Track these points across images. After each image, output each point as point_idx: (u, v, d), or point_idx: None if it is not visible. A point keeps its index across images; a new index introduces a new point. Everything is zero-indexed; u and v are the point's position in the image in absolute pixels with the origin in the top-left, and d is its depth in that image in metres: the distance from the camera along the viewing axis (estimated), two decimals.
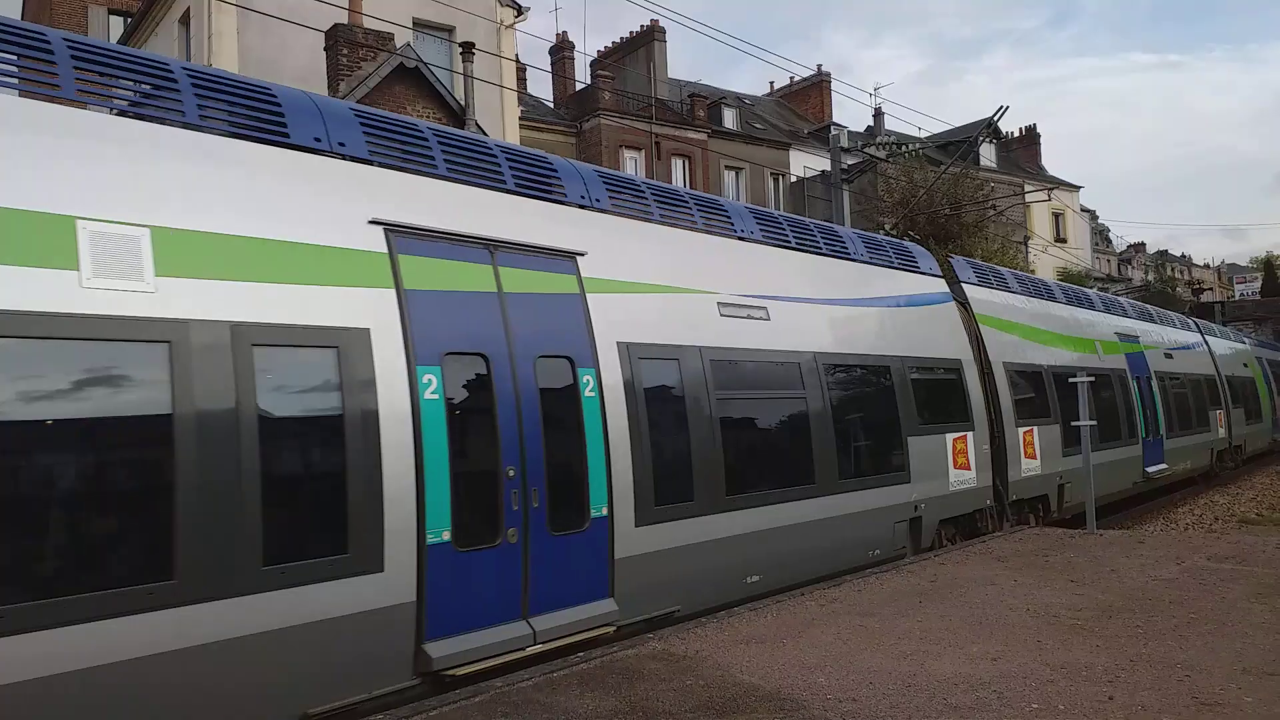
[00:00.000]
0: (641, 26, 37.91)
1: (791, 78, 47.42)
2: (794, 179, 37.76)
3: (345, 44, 17.10)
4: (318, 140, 5.96)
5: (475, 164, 6.90)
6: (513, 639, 6.02)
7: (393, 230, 5.95)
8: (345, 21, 17.35)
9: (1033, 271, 30.14)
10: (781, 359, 8.56)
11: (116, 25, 27.59)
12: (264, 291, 5.18)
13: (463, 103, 18.00)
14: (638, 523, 6.86)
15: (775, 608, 7.22)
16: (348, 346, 5.43)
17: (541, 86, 38.58)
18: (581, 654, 6.10)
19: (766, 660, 5.77)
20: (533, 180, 7.27)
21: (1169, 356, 19.07)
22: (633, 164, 33.63)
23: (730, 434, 7.83)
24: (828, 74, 46.34)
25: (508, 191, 7.00)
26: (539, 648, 6.09)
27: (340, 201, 5.83)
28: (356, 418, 5.38)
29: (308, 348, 5.31)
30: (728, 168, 36.83)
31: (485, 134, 16.90)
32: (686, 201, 8.83)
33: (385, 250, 5.85)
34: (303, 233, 5.49)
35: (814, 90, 45.98)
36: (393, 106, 15.60)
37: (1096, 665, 5.47)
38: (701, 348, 7.72)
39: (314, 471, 5.42)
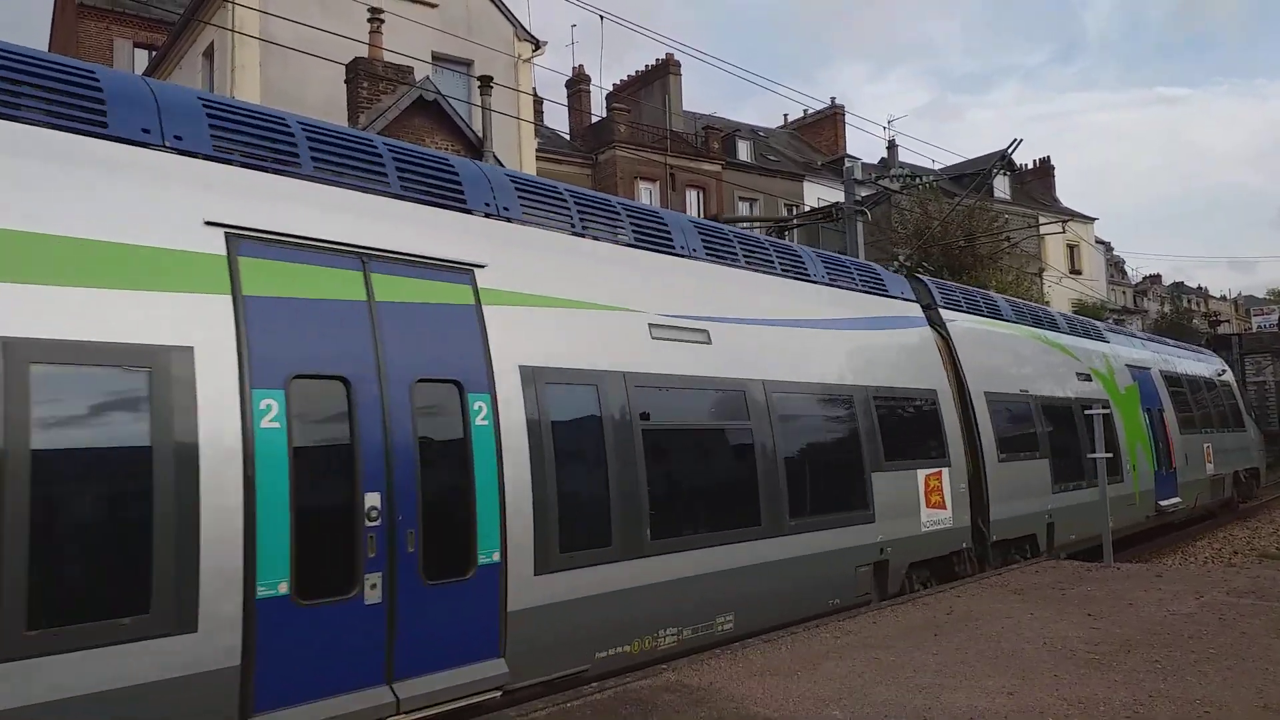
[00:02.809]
0: (657, 60, 38.35)
1: (805, 110, 47.77)
2: (808, 210, 37.93)
3: (365, 77, 17.39)
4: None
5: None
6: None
7: None
8: (365, 55, 17.66)
9: (1047, 304, 28.53)
10: None
11: (141, 58, 28.11)
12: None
13: (481, 135, 18.24)
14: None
15: (790, 640, 7.20)
16: None
17: (558, 119, 39.02)
18: (595, 684, 6.09)
19: (781, 693, 5.74)
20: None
21: (665, 338, 7.61)
22: (648, 195, 33.86)
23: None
24: (841, 106, 46.66)
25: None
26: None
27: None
28: None
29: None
30: (742, 199, 37.03)
31: (502, 165, 17.06)
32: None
33: None
34: None
35: (827, 122, 46.30)
36: (412, 138, 15.81)
37: (1114, 700, 5.42)
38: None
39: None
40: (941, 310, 11.75)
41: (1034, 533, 12.18)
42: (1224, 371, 22.15)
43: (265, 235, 5.37)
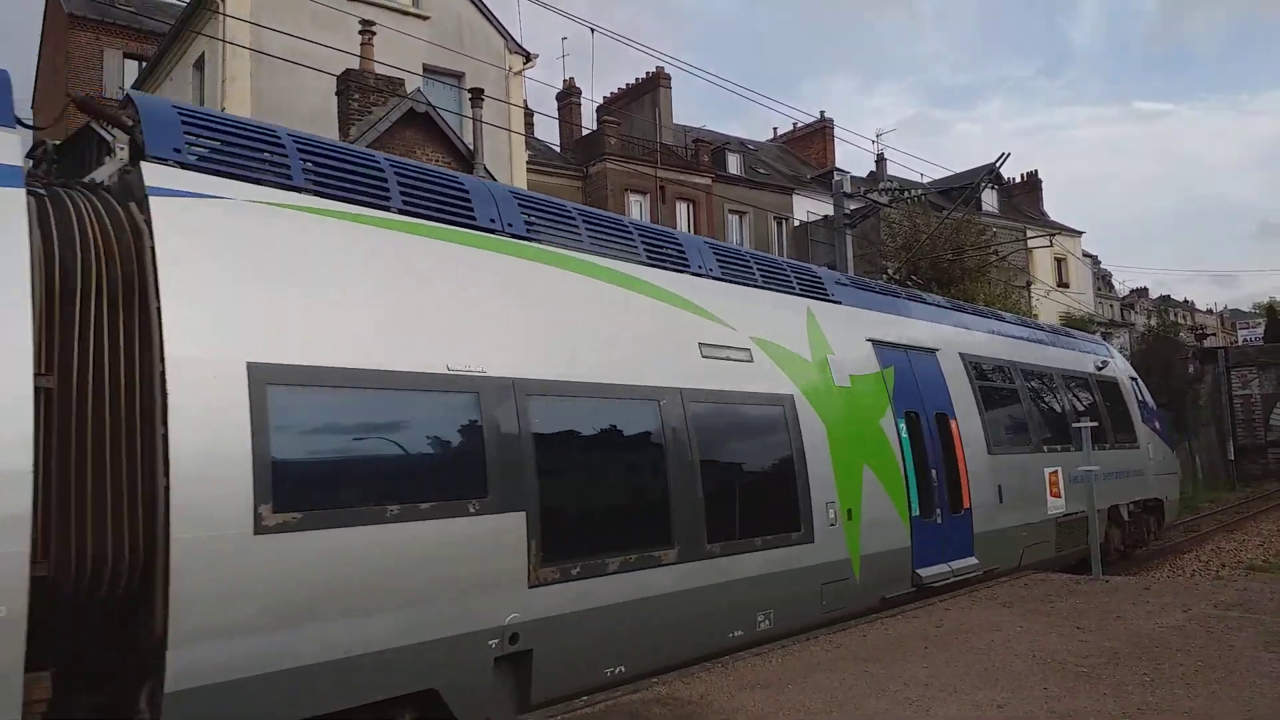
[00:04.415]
0: (647, 73, 38.52)
1: (795, 124, 48.00)
2: (797, 223, 38.06)
3: (357, 89, 17.40)
4: None
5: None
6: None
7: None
8: (357, 67, 17.69)
9: (1035, 316, 28.93)
10: None
11: (131, 69, 28.08)
12: None
13: (471, 147, 18.28)
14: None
15: (780, 653, 7.20)
16: None
17: (549, 131, 39.09)
18: (585, 699, 6.08)
19: (771, 706, 5.74)
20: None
21: None
22: (638, 208, 33.93)
23: None
24: (830, 120, 46.88)
25: None
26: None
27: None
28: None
29: None
30: (732, 212, 37.14)
31: (494, 178, 17.07)
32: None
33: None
34: None
35: (817, 136, 46.50)
36: (402, 151, 15.82)
37: (1103, 713, 5.44)
38: None
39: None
40: (153, 167, 5.06)
41: (434, 687, 5.47)
42: (1106, 363, 15.57)
43: None
